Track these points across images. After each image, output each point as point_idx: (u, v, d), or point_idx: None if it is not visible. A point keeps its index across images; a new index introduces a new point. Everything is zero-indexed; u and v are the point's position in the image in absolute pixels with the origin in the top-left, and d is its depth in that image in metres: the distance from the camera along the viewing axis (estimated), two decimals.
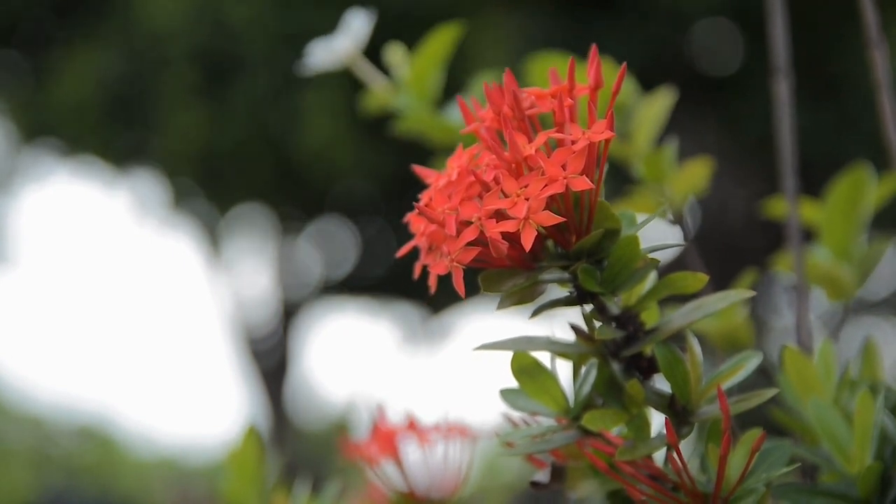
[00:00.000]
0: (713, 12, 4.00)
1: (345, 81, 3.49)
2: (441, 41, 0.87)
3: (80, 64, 4.25)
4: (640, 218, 0.56)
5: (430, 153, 0.90)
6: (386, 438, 0.82)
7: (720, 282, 0.84)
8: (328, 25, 0.88)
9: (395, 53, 0.89)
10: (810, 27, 3.66)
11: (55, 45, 4.37)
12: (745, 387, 0.60)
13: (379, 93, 0.89)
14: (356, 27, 0.86)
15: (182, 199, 4.96)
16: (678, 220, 0.81)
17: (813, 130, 3.70)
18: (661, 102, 0.86)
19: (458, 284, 0.53)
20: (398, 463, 0.82)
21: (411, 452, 0.83)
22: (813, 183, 0.89)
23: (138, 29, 4.13)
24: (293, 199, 4.84)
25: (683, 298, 0.59)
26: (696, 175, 0.86)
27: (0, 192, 5.54)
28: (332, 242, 5.52)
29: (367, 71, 0.88)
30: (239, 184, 4.56)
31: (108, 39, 4.24)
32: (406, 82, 0.88)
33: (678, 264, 0.83)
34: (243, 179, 4.51)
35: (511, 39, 3.50)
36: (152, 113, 4.20)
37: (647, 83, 0.88)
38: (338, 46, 0.86)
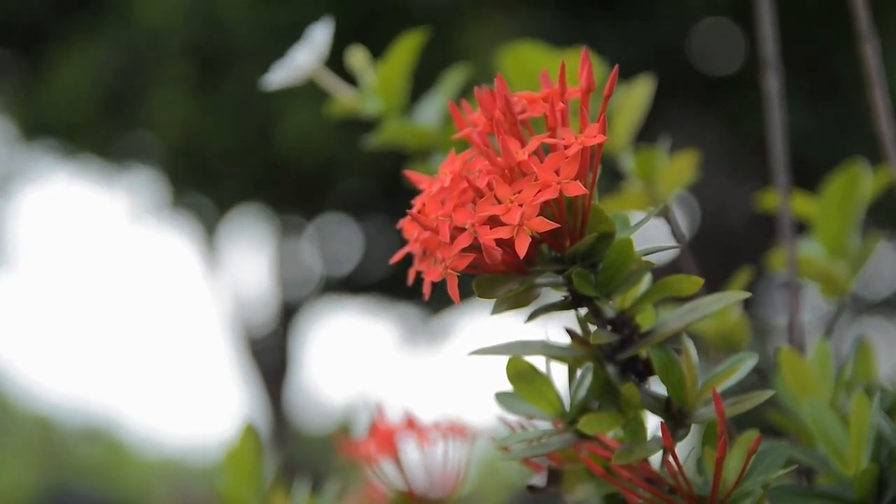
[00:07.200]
0: (714, 12, 4.00)
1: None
2: (407, 48, 0.86)
3: (76, 59, 4.26)
4: (634, 219, 0.56)
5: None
6: (385, 438, 0.82)
7: (720, 282, 0.84)
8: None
9: (356, 58, 0.88)
10: (812, 26, 3.66)
11: (52, 42, 4.38)
12: (746, 387, 0.60)
13: (344, 101, 0.87)
14: (317, 40, 0.85)
15: (180, 197, 4.96)
16: (669, 217, 0.80)
17: (816, 130, 3.70)
18: (640, 91, 0.84)
19: (453, 292, 0.53)
20: (397, 462, 0.83)
21: (410, 452, 0.83)
22: (816, 183, 0.88)
23: (134, 24, 4.14)
24: (292, 196, 4.83)
25: (680, 299, 0.59)
26: (683, 169, 0.84)
27: (0, 194, 5.55)
28: (333, 241, 5.51)
29: (331, 82, 0.87)
30: (234, 180, 4.56)
31: (105, 35, 4.24)
32: (373, 90, 0.87)
33: (673, 263, 0.83)
34: (238, 175, 4.50)
35: (511, 38, 3.49)
36: (147, 106, 4.21)
37: None
38: (300, 61, 0.85)
